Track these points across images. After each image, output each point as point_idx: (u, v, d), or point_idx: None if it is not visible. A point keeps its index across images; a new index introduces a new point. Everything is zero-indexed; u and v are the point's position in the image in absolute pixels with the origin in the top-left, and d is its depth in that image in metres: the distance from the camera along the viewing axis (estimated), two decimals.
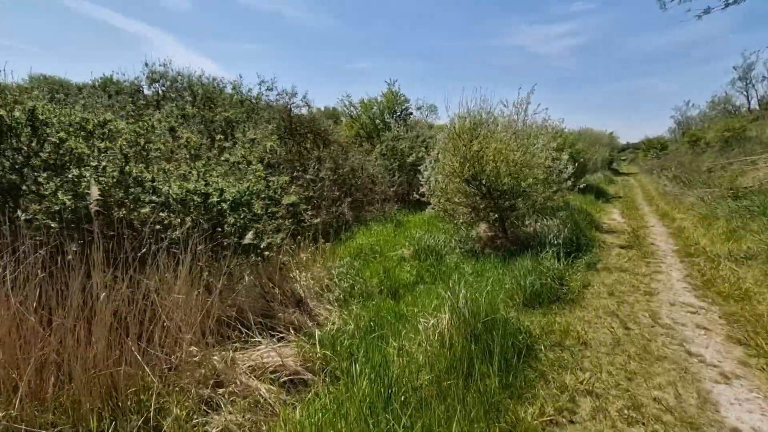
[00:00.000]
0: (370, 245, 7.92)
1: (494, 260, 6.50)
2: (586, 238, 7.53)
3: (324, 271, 5.52)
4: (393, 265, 6.70)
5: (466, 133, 7.21)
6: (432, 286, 5.88)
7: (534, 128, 8.38)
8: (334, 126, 12.99)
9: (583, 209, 9.98)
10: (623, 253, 6.79)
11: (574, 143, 15.27)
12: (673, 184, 15.13)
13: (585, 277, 5.38)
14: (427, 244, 7.29)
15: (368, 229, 9.38)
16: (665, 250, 6.85)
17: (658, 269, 5.77)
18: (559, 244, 6.11)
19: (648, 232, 8.30)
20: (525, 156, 7.20)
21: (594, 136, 28.35)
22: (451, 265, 6.63)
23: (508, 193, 7.20)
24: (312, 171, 9.58)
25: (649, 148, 37.54)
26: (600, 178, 20.36)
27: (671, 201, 12.28)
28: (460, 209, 7.50)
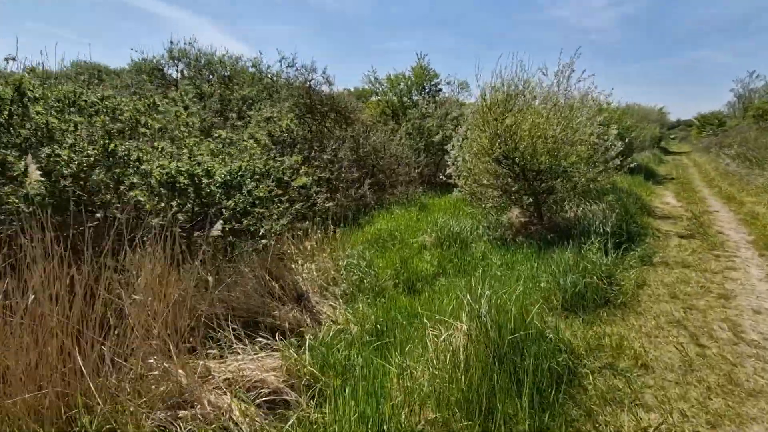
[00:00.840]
0: (390, 231, 7.23)
1: (527, 250, 5.65)
2: (637, 226, 6.47)
3: (331, 261, 4.89)
4: (412, 254, 5.99)
5: (498, 105, 6.27)
6: (455, 279, 5.15)
7: (577, 100, 7.29)
8: (357, 104, 12.22)
9: (632, 191, 8.78)
10: (684, 243, 5.72)
11: (621, 118, 13.71)
12: (736, 162, 13.32)
13: (639, 274, 4.44)
14: (451, 231, 6.51)
15: (389, 213, 8.68)
16: (737, 240, 5.71)
17: (731, 265, 4.72)
18: (606, 233, 5.16)
19: (712, 219, 7.09)
20: (566, 131, 6.19)
21: (642, 111, 25.94)
22: (477, 255, 5.84)
23: (546, 173, 6.24)
24: (330, 151, 8.93)
25: (705, 124, 34.07)
26: (648, 157, 18.47)
27: (736, 182, 10.70)
28: (489, 192, 6.63)
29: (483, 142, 6.29)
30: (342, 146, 9.39)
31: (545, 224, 6.63)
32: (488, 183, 6.43)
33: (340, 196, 8.82)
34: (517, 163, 6.03)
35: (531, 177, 6.24)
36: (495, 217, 6.95)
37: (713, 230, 6.26)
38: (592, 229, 5.33)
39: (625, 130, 13.93)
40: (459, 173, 6.81)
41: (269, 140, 7.93)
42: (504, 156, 6.08)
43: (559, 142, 6.10)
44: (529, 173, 6.21)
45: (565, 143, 6.28)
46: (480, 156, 6.40)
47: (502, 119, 5.87)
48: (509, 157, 6.04)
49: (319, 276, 4.55)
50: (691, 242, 5.77)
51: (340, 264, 4.90)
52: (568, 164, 5.94)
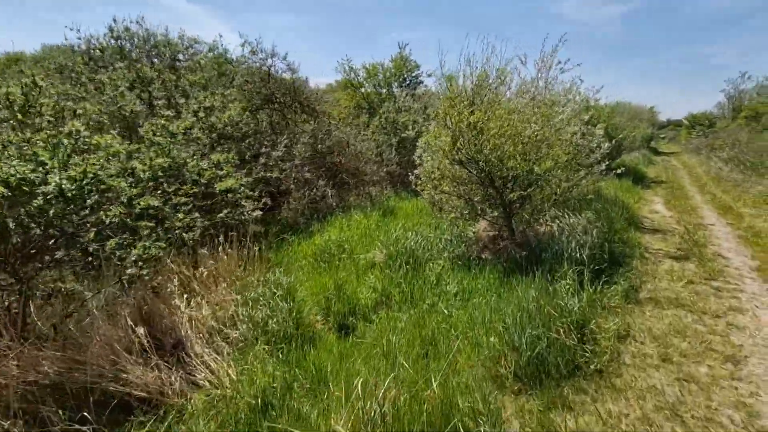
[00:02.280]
0: (340, 242, 6.17)
1: (490, 275, 4.63)
2: (622, 245, 5.48)
3: (233, 294, 3.81)
4: (353, 277, 4.94)
5: (463, 97, 5.21)
6: (398, 313, 4.12)
7: (561, 94, 6.26)
8: (323, 94, 11.04)
9: (618, 199, 7.80)
10: (677, 269, 4.74)
11: (610, 117, 12.73)
12: (729, 166, 12.45)
13: (622, 319, 3.43)
14: (404, 247, 5.47)
15: (347, 220, 7.60)
16: (738, 266, 4.75)
17: (735, 305, 3.74)
18: (583, 261, 4.14)
19: (708, 235, 6.13)
20: (544, 130, 5.16)
21: (633, 110, 25.06)
22: (431, 278, 4.81)
23: (517, 180, 5.21)
24: (282, 147, 7.80)
25: (695, 124, 33.39)
26: (638, 159, 17.57)
27: (731, 189, 9.80)
28: (452, 201, 5.58)
29: (445, 141, 5.23)
30: (297, 141, 8.26)
31: (516, 239, 5.61)
32: (450, 190, 5.37)
33: (291, 199, 7.73)
34: (482, 168, 4.98)
35: (499, 184, 5.21)
36: (459, 230, 5.92)
37: (710, 251, 5.30)
38: (568, 251, 4.31)
39: (614, 129, 12.96)
40: (419, 176, 5.74)
41: (204, 134, 6.78)
42: (468, 158, 5.03)
43: (534, 144, 5.06)
44: (498, 180, 5.17)
45: (542, 145, 5.25)
46: (441, 158, 5.34)
47: (464, 115, 4.80)
48: (474, 160, 4.99)
49: (211, 315, 3.47)
50: (684, 267, 4.79)
51: (248, 296, 3.82)
52: (544, 170, 4.90)
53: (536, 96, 5.89)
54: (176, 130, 5.21)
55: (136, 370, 2.84)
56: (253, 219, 5.46)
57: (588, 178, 7.28)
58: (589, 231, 5.38)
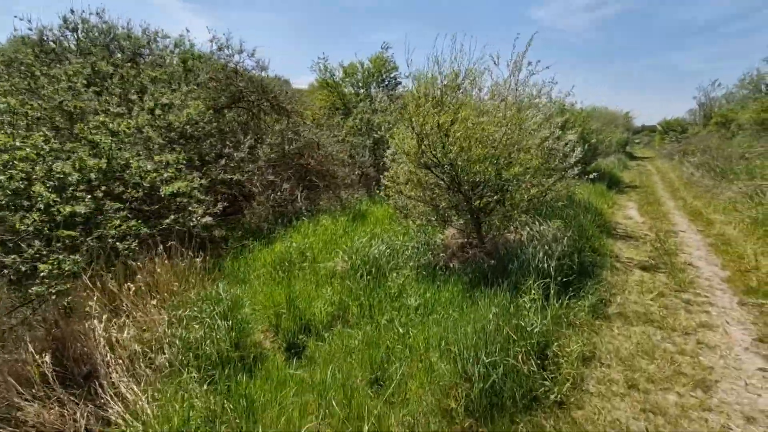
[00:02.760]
0: (302, 250, 5.81)
1: (455, 286, 4.34)
2: (593, 253, 5.28)
3: (162, 312, 3.39)
4: (309, 288, 4.58)
5: (429, 98, 4.93)
6: (355, 329, 3.79)
7: (533, 96, 6.06)
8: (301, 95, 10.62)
9: (591, 205, 7.66)
10: (647, 280, 4.55)
11: (585, 121, 12.71)
12: (700, 172, 12.59)
13: (588, 339, 3.18)
14: (368, 255, 5.15)
15: (315, 224, 7.23)
16: (710, 276, 4.59)
17: (706, 320, 3.54)
18: (549, 274, 3.88)
19: (678, 242, 6.01)
20: (514, 133, 4.92)
21: (609, 115, 25.42)
22: (393, 290, 4.49)
23: (486, 185, 4.95)
24: (245, 148, 7.37)
25: (668, 130, 34.22)
26: (613, 163, 17.73)
27: (701, 194, 9.83)
28: (419, 206, 5.28)
29: (410, 144, 4.93)
30: (263, 142, 7.84)
31: (485, 247, 5.35)
32: (415, 195, 5.06)
33: (255, 203, 7.30)
34: (448, 172, 4.69)
35: (467, 190, 4.93)
36: (426, 237, 5.63)
37: (681, 260, 5.14)
38: (534, 261, 4.05)
39: (590, 133, 12.96)
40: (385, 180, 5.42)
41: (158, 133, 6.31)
42: (433, 162, 4.75)
43: (503, 148, 4.82)
44: (465, 185, 4.90)
45: (512, 148, 5.02)
46: (407, 161, 5.03)
47: (429, 117, 4.51)
48: (439, 164, 4.70)
49: (136, 338, 3.06)
50: (655, 278, 4.61)
51: (183, 314, 3.42)
52: (513, 174, 4.64)
53: (507, 98, 5.67)
54: (118, 127, 4.74)
55: (30, 407, 2.42)
56: (207, 224, 5.05)
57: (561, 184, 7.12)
58: (560, 239, 5.16)
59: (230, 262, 5.65)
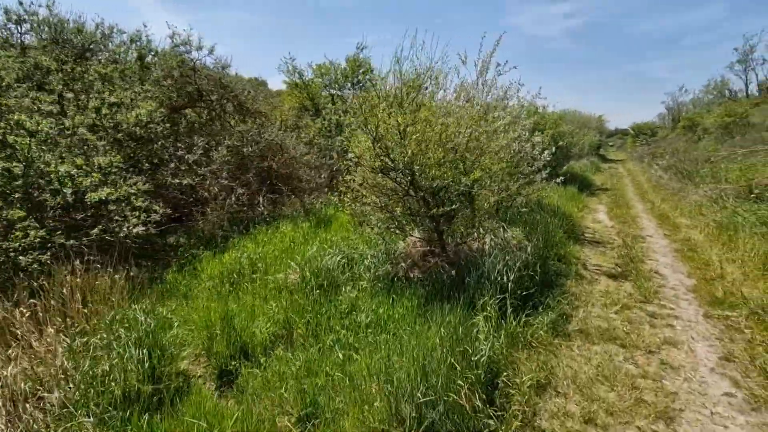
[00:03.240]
0: (254, 260, 5.38)
1: (410, 301, 4.00)
2: (558, 262, 5.04)
3: (62, 340, 2.92)
4: (257, 303, 4.16)
5: (384, 99, 4.61)
6: (296, 354, 3.39)
7: (500, 97, 5.82)
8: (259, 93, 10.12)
9: (560, 209, 7.48)
10: (612, 290, 4.32)
11: (557, 124, 12.65)
12: (668, 175, 12.70)
13: (545, 361, 2.88)
14: (321, 266, 4.76)
15: (275, 230, 6.80)
16: (675, 285, 4.40)
17: (671, 336, 3.30)
18: (507, 288, 3.58)
19: (646, 248, 5.85)
20: (481, 137, 4.65)
21: (582, 118, 25.75)
22: (344, 305, 4.12)
23: (446, 191, 4.64)
24: (199, 150, 6.87)
25: (639, 133, 35.07)
26: (586, 166, 17.85)
27: (668, 197, 9.84)
28: (377, 213, 4.93)
29: (364, 147, 4.58)
30: (221, 144, 7.34)
31: (449, 255, 5.04)
32: (371, 201, 4.71)
33: (208, 209, 6.81)
34: (404, 176, 4.36)
35: (427, 196, 4.61)
36: (385, 245, 5.28)
37: (647, 267, 4.95)
38: (492, 277, 3.74)
39: (561, 136, 12.91)
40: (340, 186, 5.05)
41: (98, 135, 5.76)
42: (389, 166, 4.40)
43: (464, 150, 4.53)
44: (426, 191, 4.57)
45: (476, 152, 4.73)
46: (360, 165, 4.68)
47: (386, 117, 4.17)
48: (395, 168, 4.36)
49: (23, 374, 2.59)
50: (620, 287, 4.38)
51: (90, 341, 2.95)
52: (474, 179, 4.33)
53: (471, 98, 5.40)
54: (37, 127, 4.21)
55: None
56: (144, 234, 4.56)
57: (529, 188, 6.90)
58: (524, 247, 4.90)
59: (173, 275, 5.17)
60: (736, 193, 7.70)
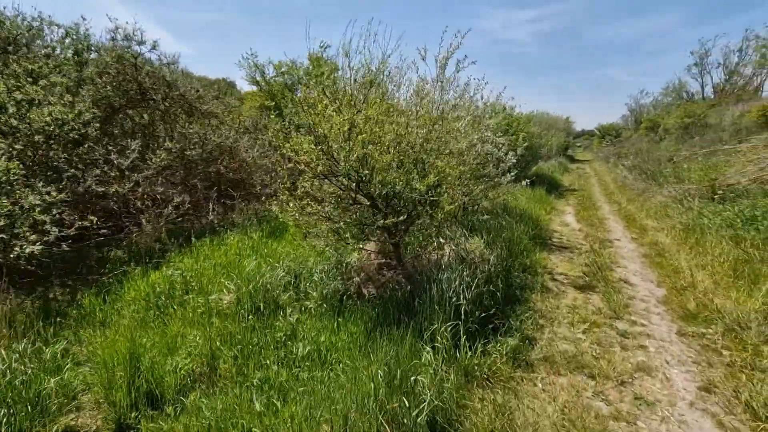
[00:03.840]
0: (188, 278, 4.72)
1: (357, 326, 3.48)
2: (523, 273, 4.63)
3: None
4: (178, 332, 3.53)
5: (336, 96, 4.10)
6: (213, 400, 2.80)
7: (461, 93, 5.40)
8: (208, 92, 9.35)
9: (527, 213, 7.14)
10: (580, 303, 3.93)
11: (525, 125, 12.47)
12: (633, 175, 12.73)
13: (503, 403, 2.41)
14: (261, 284, 4.17)
15: (219, 243, 6.13)
16: (646, 297, 4.06)
17: (643, 362, 2.91)
18: (466, 303, 3.11)
19: (614, 253, 5.55)
20: (438, 138, 4.19)
21: (551, 120, 26.04)
22: (282, 331, 3.55)
23: (399, 197, 4.13)
24: (134, 153, 6.11)
25: (604, 134, 35.97)
26: (554, 166, 17.89)
27: (634, 198, 9.75)
28: (323, 223, 4.37)
29: (306, 150, 4.02)
30: (161, 147, 6.59)
31: (406, 268, 4.55)
32: (314, 210, 4.14)
33: (144, 219, 6.06)
34: (348, 181, 3.83)
35: (380, 203, 4.10)
36: (336, 258, 4.73)
37: (615, 276, 4.62)
38: (447, 296, 3.25)
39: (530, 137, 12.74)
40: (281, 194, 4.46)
41: None
42: (332, 171, 3.87)
43: (417, 153, 4.05)
44: (377, 199, 4.05)
45: (430, 155, 4.26)
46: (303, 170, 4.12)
47: (323, 115, 3.64)
48: (339, 174, 3.83)
49: None
50: (589, 300, 4.00)
51: None
52: (424, 186, 3.85)
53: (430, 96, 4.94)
54: None
55: None
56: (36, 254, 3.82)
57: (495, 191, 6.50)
58: (486, 258, 4.47)
59: (89, 298, 4.44)
60: (699, 193, 7.59)
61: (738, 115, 15.76)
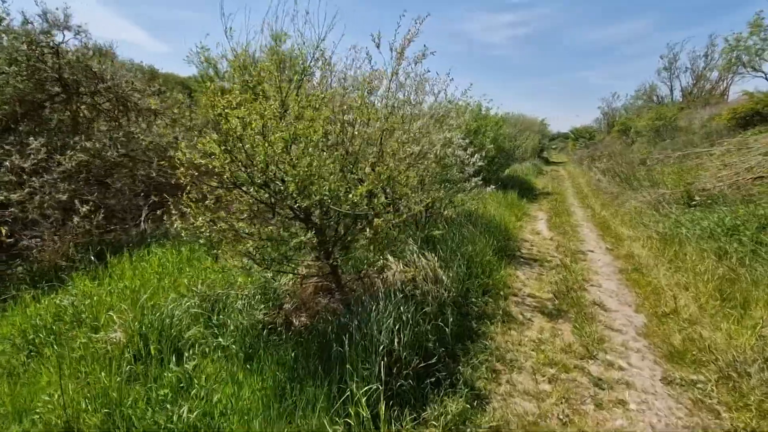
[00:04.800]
0: (80, 306, 3.84)
1: (265, 381, 2.69)
2: (483, 295, 3.93)
3: None
4: (45, 385, 2.67)
5: (241, 85, 3.32)
6: None
7: (416, 86, 4.71)
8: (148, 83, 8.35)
9: (495, 220, 6.49)
10: (546, 338, 3.25)
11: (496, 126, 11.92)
12: (607, 178, 12.37)
13: None
14: (160, 319, 3.34)
15: (138, 258, 5.23)
16: (623, 326, 3.43)
17: (623, 422, 2.24)
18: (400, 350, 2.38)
19: (587, 268, 4.94)
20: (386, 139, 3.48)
21: (526, 122, 25.80)
22: (167, 389, 2.73)
23: (332, 209, 3.37)
24: (40, 154, 5.14)
25: (578, 137, 36.18)
26: (528, 168, 17.51)
27: (608, 203, 9.29)
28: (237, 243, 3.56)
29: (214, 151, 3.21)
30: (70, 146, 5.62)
31: (345, 292, 3.79)
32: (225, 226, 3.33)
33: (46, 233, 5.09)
34: (263, 192, 3.05)
35: (315, 218, 3.33)
36: (263, 281, 3.92)
37: (588, 298, 3.98)
38: (374, 341, 2.51)
39: (503, 139, 12.21)
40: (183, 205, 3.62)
41: None
42: (243, 179, 3.08)
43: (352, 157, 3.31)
44: (305, 212, 3.28)
45: (371, 159, 3.55)
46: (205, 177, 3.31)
47: (220, 107, 2.85)
48: (252, 182, 3.04)
49: None
50: (557, 332, 3.34)
51: None
52: (357, 197, 3.10)
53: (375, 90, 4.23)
54: None
55: None
56: None
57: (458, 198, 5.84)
58: (441, 278, 3.76)
59: None
60: (674, 198, 7.14)
61: (707, 118, 15.71)
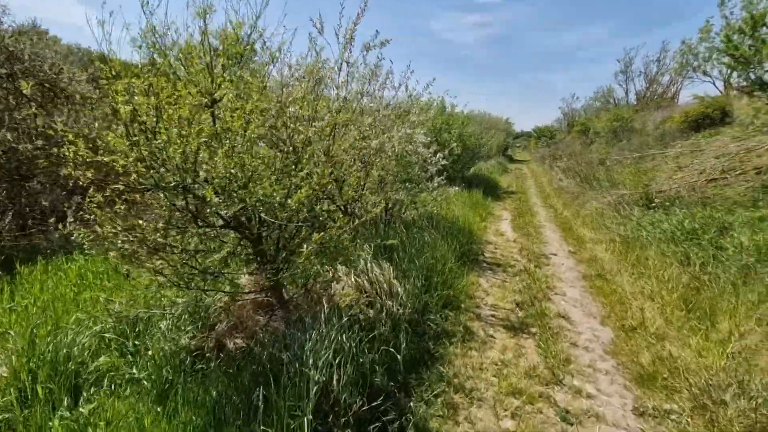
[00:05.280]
0: None
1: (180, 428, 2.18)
2: (444, 309, 3.58)
3: None
4: None
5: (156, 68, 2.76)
6: None
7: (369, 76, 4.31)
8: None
9: (458, 222, 6.19)
10: (509, 360, 2.93)
11: (464, 124, 11.72)
12: (568, 178, 12.50)
13: None
14: (46, 351, 2.73)
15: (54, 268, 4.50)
16: (589, 342, 3.18)
17: None
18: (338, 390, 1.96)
19: (551, 274, 4.73)
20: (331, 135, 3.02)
21: (491, 120, 26.03)
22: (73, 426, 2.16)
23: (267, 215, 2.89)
24: None
25: (540, 136, 37.14)
26: (494, 166, 17.57)
27: (570, 202, 9.29)
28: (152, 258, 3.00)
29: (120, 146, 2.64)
30: None
31: (288, 309, 3.32)
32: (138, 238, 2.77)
33: None
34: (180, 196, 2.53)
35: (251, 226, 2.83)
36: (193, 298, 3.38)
37: (553, 310, 3.73)
38: (306, 377, 2.08)
39: (468, 137, 12.03)
40: None
41: None
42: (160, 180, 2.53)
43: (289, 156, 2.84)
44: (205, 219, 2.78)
45: (317, 157, 3.10)
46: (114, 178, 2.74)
47: (121, 95, 2.31)
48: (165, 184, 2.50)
49: None
50: (521, 352, 3.03)
51: None
52: (295, 202, 2.64)
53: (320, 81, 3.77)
54: None
55: None
56: None
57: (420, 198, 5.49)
58: (396, 292, 3.37)
59: None
60: (634, 200, 7.14)
61: (660, 120, 16.32)
